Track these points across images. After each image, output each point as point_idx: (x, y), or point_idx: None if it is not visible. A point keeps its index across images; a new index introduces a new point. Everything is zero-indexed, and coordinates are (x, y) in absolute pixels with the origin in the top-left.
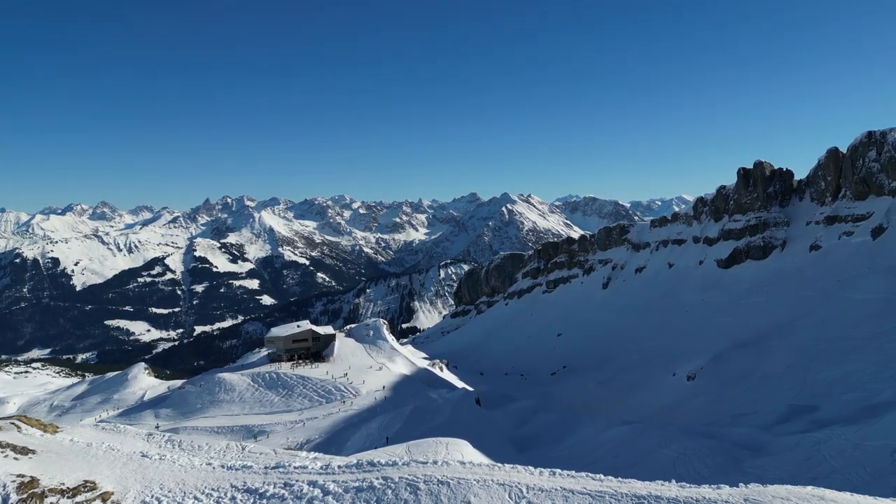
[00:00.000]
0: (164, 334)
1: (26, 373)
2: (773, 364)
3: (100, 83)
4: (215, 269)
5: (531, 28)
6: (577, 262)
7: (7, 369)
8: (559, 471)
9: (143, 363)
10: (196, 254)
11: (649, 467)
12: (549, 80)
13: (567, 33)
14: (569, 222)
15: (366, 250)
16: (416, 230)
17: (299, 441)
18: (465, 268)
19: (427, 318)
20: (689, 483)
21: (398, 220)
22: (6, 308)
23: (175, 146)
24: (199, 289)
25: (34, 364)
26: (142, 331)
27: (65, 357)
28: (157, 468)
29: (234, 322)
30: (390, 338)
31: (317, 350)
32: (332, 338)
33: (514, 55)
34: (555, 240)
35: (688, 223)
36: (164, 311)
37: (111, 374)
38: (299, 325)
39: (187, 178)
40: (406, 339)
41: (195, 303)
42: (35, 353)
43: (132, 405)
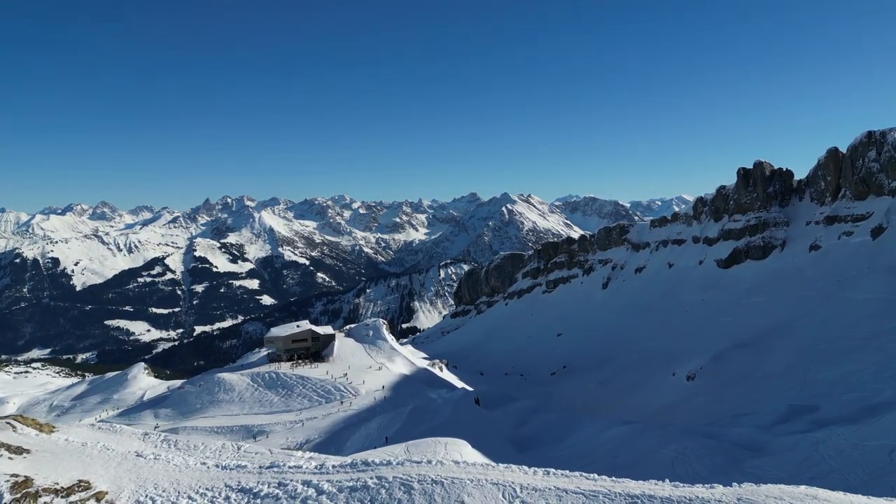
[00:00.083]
0: (164, 334)
1: (26, 373)
2: (773, 364)
3: (100, 83)
4: (215, 269)
5: (531, 28)
6: (577, 262)
7: (7, 369)
8: (553, 470)
9: (143, 363)
10: (196, 254)
11: (649, 467)
12: (549, 80)
13: (567, 33)
14: (569, 222)
15: (366, 250)
16: (416, 230)
17: (299, 441)
18: (465, 268)
19: (427, 318)
20: (687, 483)
21: (398, 220)
22: (6, 308)
23: (175, 146)
24: (199, 289)
25: (34, 364)
26: (142, 331)
27: (65, 357)
28: (151, 468)
29: (234, 322)
30: (390, 338)
31: (316, 350)
32: (331, 338)
33: (514, 55)
34: (555, 240)
35: (688, 223)
36: (164, 311)
37: (111, 375)
38: (299, 325)
39: (187, 178)
40: (406, 339)
41: (195, 303)
42: (35, 353)
43: (132, 405)
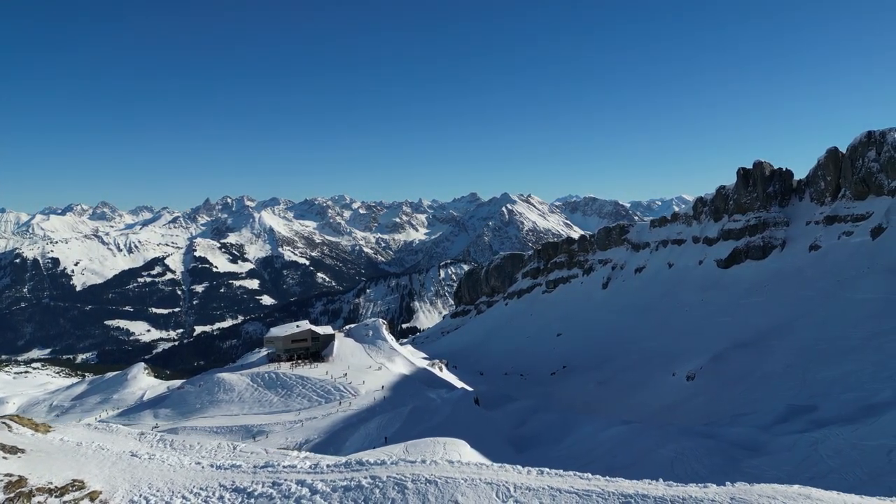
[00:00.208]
0: (164, 334)
1: (26, 373)
2: (772, 364)
3: (100, 83)
4: (215, 269)
5: (531, 28)
6: (576, 262)
7: (7, 369)
8: (547, 470)
9: (143, 363)
10: (196, 254)
11: (647, 467)
12: (549, 80)
13: (567, 33)
14: (569, 222)
15: (366, 250)
16: (416, 230)
17: (298, 441)
18: (465, 268)
19: (427, 318)
20: (685, 482)
21: (398, 220)
22: (6, 308)
23: (175, 146)
24: (199, 289)
25: (34, 364)
26: (142, 331)
27: (65, 357)
28: (146, 467)
29: (234, 322)
30: (389, 338)
31: (316, 350)
32: (331, 338)
33: (514, 55)
34: (555, 240)
35: (687, 223)
36: (164, 311)
37: (111, 375)
38: (298, 325)
39: (187, 178)
40: (406, 339)
41: (195, 303)
42: (35, 354)
43: (131, 405)
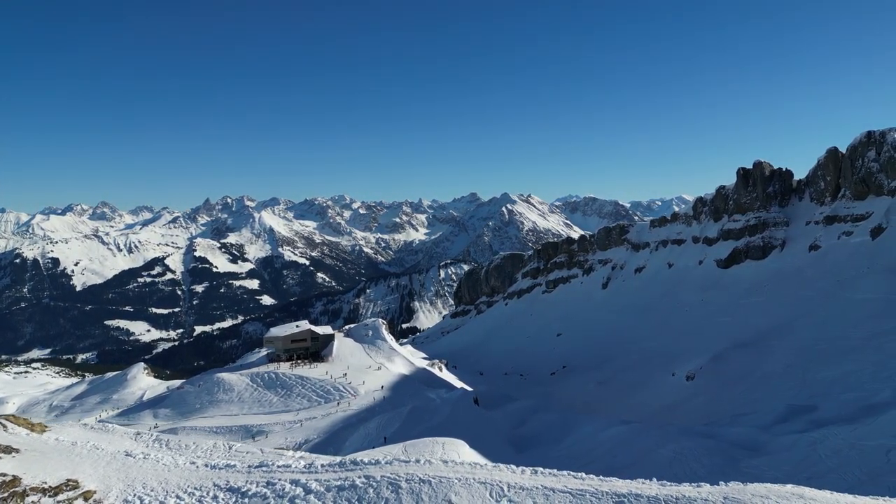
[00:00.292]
0: (164, 334)
1: (26, 373)
2: (772, 364)
3: (100, 83)
4: (215, 270)
5: (531, 28)
6: (576, 262)
7: (7, 369)
8: (541, 469)
9: (143, 363)
10: (196, 254)
11: (647, 467)
12: (549, 80)
13: (567, 33)
14: (569, 222)
15: (366, 250)
16: (416, 230)
17: (297, 441)
18: (465, 268)
19: (427, 318)
20: (684, 482)
21: (398, 220)
22: (6, 308)
23: (175, 146)
24: (199, 289)
25: (34, 364)
26: (142, 331)
27: (65, 357)
28: (140, 467)
29: (234, 322)
30: (389, 338)
31: (316, 350)
32: (330, 338)
33: (514, 55)
34: (555, 240)
35: (687, 223)
36: (164, 312)
37: (111, 375)
38: (298, 325)
39: (187, 178)
40: (406, 340)
41: (195, 303)
42: (35, 354)
43: (131, 405)
